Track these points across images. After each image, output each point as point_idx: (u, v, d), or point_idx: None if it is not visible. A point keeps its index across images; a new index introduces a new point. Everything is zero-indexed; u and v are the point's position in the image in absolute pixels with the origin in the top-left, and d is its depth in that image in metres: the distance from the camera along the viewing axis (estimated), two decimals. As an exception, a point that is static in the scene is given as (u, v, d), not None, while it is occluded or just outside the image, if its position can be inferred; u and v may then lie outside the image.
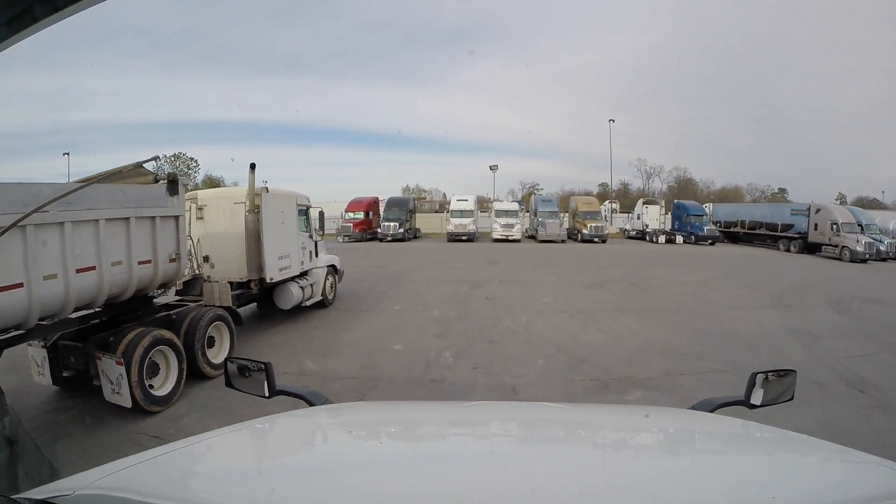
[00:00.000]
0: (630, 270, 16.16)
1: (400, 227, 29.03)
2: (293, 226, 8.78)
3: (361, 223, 30.49)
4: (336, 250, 11.74)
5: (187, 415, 4.76)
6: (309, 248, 9.38)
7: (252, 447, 1.37)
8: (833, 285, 13.51)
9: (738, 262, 19.99)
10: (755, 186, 51.39)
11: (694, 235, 30.42)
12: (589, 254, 22.13)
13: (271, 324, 8.44)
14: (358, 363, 6.38)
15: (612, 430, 1.51)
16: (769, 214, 31.03)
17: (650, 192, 50.51)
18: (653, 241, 30.49)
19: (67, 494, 0.88)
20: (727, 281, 14.27)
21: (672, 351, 6.93)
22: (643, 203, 32.66)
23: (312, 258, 9.54)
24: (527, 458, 1.22)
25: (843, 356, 6.69)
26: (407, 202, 32.00)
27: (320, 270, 9.78)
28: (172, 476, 1.05)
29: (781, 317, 9.23)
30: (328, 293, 10.06)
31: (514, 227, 28.28)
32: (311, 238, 9.49)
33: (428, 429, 1.54)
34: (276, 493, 0.92)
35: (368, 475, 1.04)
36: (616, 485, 0.98)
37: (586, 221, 28.99)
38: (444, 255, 21.02)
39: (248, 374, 1.63)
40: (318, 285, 9.64)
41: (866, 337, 7.84)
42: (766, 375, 1.54)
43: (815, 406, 4.85)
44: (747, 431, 1.43)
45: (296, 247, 8.79)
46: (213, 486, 1.03)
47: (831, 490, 0.98)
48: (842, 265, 20.11)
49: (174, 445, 1.18)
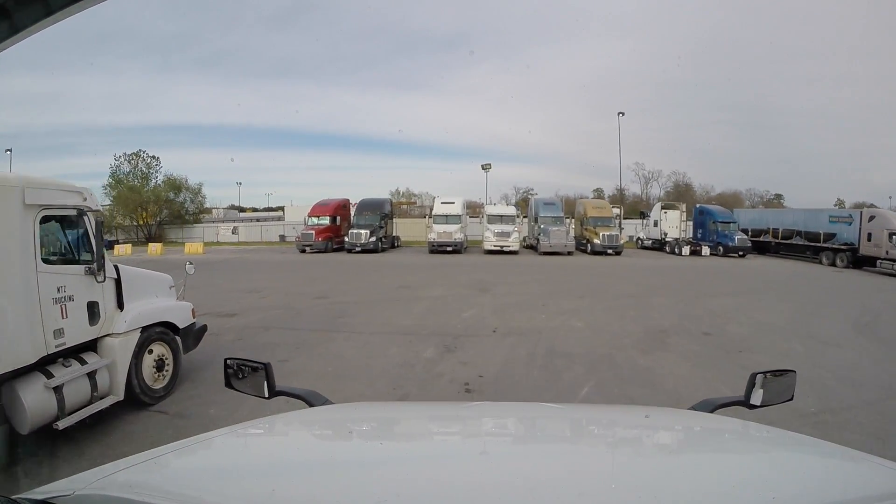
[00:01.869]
0: (679, 301, 11.17)
1: (372, 235, 23.86)
2: (16, 250, 3.74)
3: (326, 230, 25.27)
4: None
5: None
6: (84, 296, 4.30)
7: (252, 447, 1.35)
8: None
9: (798, 284, 15.22)
10: (754, 192, 49.21)
11: (722, 246, 25.71)
12: (610, 272, 17.11)
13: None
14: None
15: (612, 430, 1.53)
16: (803, 221, 26.83)
17: (648, 197, 48.76)
18: (674, 252, 25.68)
19: (67, 495, 0.86)
20: (824, 318, 9.49)
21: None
22: (661, 208, 27.78)
23: (100, 316, 4.45)
24: (527, 458, 1.21)
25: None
26: (382, 205, 26.66)
27: (121, 341, 4.64)
28: (172, 476, 1.06)
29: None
30: (153, 382, 4.96)
31: (511, 236, 23.22)
32: (94, 272, 4.39)
33: (428, 429, 1.55)
34: (276, 493, 0.90)
35: (368, 475, 1.03)
36: (616, 485, 0.98)
37: (598, 229, 23.98)
38: (420, 274, 15.92)
39: (248, 374, 1.61)
40: (118, 371, 4.53)
41: None
42: (766, 375, 1.51)
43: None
44: (747, 431, 1.42)
45: (25, 296, 3.75)
46: (213, 487, 1.00)
47: (831, 490, 0.98)
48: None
49: (174, 445, 1.16)
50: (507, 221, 23.94)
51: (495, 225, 23.60)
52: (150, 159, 46.46)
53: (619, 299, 11.24)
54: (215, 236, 42.28)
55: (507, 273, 16.13)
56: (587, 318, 8.99)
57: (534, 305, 10.16)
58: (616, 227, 24.93)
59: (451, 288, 12.44)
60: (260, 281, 14.20)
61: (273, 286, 13.09)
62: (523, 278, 14.74)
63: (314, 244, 24.46)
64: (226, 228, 43.97)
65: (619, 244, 23.75)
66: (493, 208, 25.86)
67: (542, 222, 24.11)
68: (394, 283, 13.17)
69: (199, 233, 43.40)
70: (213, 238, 42.12)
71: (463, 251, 23.96)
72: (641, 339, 7.52)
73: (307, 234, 24.76)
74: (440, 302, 10.41)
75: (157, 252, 29.30)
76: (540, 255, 23.18)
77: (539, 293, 11.89)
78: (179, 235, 43.01)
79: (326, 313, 9.29)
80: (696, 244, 25.95)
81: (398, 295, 11.37)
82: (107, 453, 3.69)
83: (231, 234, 42.68)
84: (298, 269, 17.83)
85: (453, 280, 14.14)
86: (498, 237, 23.13)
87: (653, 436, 1.47)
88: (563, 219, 24.60)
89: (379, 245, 24.12)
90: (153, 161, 46.50)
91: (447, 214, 23.95)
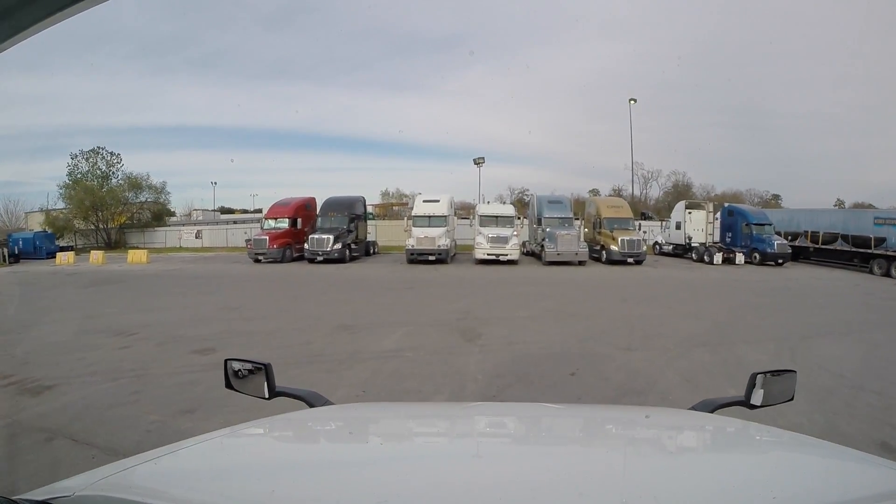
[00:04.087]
0: (781, 349, 6.87)
1: (337, 241, 19.28)
2: None
3: (283, 236, 20.65)
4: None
5: None
6: None
7: (252, 448, 1.31)
8: None
9: (886, 307, 10.97)
10: (754, 192, 47.53)
11: (758, 252, 21.50)
12: (646, 294, 12.70)
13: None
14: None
15: (612, 430, 1.51)
16: (842, 223, 23.12)
17: (648, 198, 46.20)
18: (703, 260, 21.41)
19: (68, 496, 0.85)
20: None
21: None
22: (685, 207, 23.45)
23: None
24: (527, 458, 1.19)
25: None
26: (352, 204, 21.89)
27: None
28: (173, 477, 1.04)
29: None
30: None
31: (509, 242, 18.70)
32: None
33: (428, 429, 1.53)
34: (276, 493, 0.89)
35: (369, 476, 1.01)
36: (616, 485, 0.97)
37: (615, 233, 19.53)
38: (383, 299, 11.45)
39: (248, 375, 1.58)
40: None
41: None
42: (766, 375, 1.50)
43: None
44: (747, 432, 1.41)
45: None
46: (213, 487, 0.98)
47: (831, 490, 0.97)
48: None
49: (174, 446, 1.13)
50: (504, 223, 19.41)
51: (489, 228, 19.09)
52: (110, 157, 41.83)
53: (691, 351, 6.83)
54: (178, 241, 38.16)
55: (505, 296, 11.69)
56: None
57: (559, 375, 5.71)
58: (637, 231, 20.46)
59: (417, 330, 7.95)
60: (154, 312, 9.82)
61: (163, 321, 8.74)
62: (530, 307, 10.28)
63: (268, 252, 19.88)
64: (189, 232, 39.56)
65: (641, 251, 19.31)
66: (486, 207, 21.21)
67: (547, 224, 19.58)
68: (335, 319, 8.66)
69: (161, 237, 39.22)
70: (177, 243, 38.01)
71: (449, 260, 19.43)
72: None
73: (260, 241, 20.15)
74: (388, 371, 5.90)
75: (98, 261, 24.74)
76: (545, 265, 18.71)
77: (559, 338, 7.47)
78: (141, 240, 38.83)
79: (179, 397, 4.83)
80: (730, 251, 21.67)
81: (323, 350, 6.80)
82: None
83: (195, 239, 38.41)
84: (225, 290, 13.32)
85: (427, 311, 9.68)
86: (492, 243, 18.61)
87: (653, 436, 1.44)
88: (572, 220, 20.09)
89: (346, 253, 19.54)
90: (114, 158, 41.79)
91: (430, 215, 19.35)
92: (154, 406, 4.60)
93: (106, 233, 38.71)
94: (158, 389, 5.09)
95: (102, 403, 4.66)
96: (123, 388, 5.11)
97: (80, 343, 7.08)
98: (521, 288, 12.98)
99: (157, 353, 6.62)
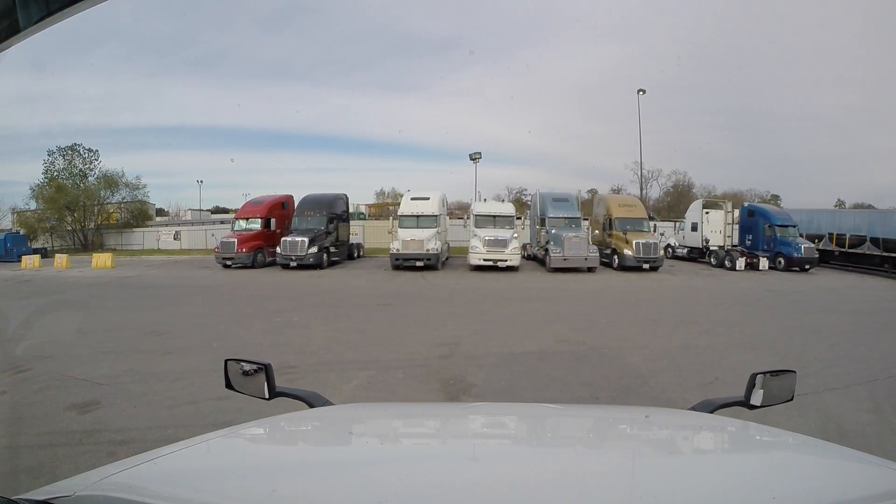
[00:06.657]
0: (874, 387, 4.64)
1: (313, 244, 16.95)
2: None
3: (254, 238, 18.29)
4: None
5: None
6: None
7: (252, 448, 1.32)
8: None
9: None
10: (755, 192, 47.04)
11: (783, 257, 19.35)
12: (677, 312, 10.44)
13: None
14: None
15: (612, 430, 1.51)
16: (867, 225, 21.55)
17: (648, 198, 44.58)
18: (724, 265, 19.22)
19: (68, 496, 0.85)
20: None
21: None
22: (702, 207, 21.22)
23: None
24: (527, 458, 1.20)
25: None
26: (332, 203, 19.45)
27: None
28: (173, 477, 1.03)
29: None
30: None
31: (509, 246, 16.42)
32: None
33: (428, 429, 1.52)
34: (277, 493, 0.88)
35: (369, 476, 1.01)
36: (616, 486, 0.97)
37: (628, 235, 17.26)
38: (348, 321, 9.16)
39: (248, 375, 1.57)
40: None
41: None
42: (766, 375, 1.49)
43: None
44: (747, 432, 1.41)
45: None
46: (213, 487, 0.98)
47: (831, 490, 0.96)
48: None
49: (174, 446, 1.13)
50: (503, 224, 17.14)
51: (486, 229, 16.81)
52: (87, 153, 39.62)
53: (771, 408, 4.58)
54: (156, 242, 35.99)
55: (505, 317, 9.42)
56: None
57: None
58: (653, 233, 18.19)
59: (380, 378, 5.64)
60: (59, 337, 7.65)
61: (57, 353, 6.49)
62: (539, 335, 7.98)
63: (237, 257, 17.55)
64: (168, 233, 37.33)
65: (658, 256, 17.03)
66: (482, 206, 18.80)
67: (552, 225, 17.29)
68: (275, 355, 6.36)
69: (139, 238, 37.05)
70: (155, 245, 35.84)
71: (440, 266, 17.13)
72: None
73: (227, 244, 17.80)
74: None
75: (62, 265, 22.44)
76: (550, 271, 16.44)
77: (588, 392, 5.21)
78: (119, 241, 36.64)
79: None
80: (753, 255, 19.48)
81: (226, 417, 4.55)
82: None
83: (173, 241, 36.19)
84: (168, 305, 11.02)
85: (401, 341, 7.39)
86: (489, 247, 16.32)
87: (653, 436, 1.44)
88: (580, 220, 17.82)
89: (323, 258, 17.21)
90: (91, 156, 39.60)
91: (419, 215, 17.03)
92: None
93: (83, 234, 36.50)
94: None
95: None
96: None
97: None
98: (524, 304, 10.70)
99: (20, 408, 4.42)
